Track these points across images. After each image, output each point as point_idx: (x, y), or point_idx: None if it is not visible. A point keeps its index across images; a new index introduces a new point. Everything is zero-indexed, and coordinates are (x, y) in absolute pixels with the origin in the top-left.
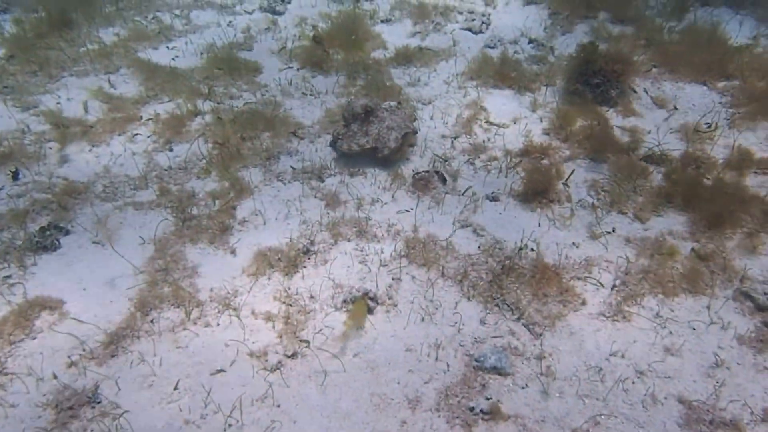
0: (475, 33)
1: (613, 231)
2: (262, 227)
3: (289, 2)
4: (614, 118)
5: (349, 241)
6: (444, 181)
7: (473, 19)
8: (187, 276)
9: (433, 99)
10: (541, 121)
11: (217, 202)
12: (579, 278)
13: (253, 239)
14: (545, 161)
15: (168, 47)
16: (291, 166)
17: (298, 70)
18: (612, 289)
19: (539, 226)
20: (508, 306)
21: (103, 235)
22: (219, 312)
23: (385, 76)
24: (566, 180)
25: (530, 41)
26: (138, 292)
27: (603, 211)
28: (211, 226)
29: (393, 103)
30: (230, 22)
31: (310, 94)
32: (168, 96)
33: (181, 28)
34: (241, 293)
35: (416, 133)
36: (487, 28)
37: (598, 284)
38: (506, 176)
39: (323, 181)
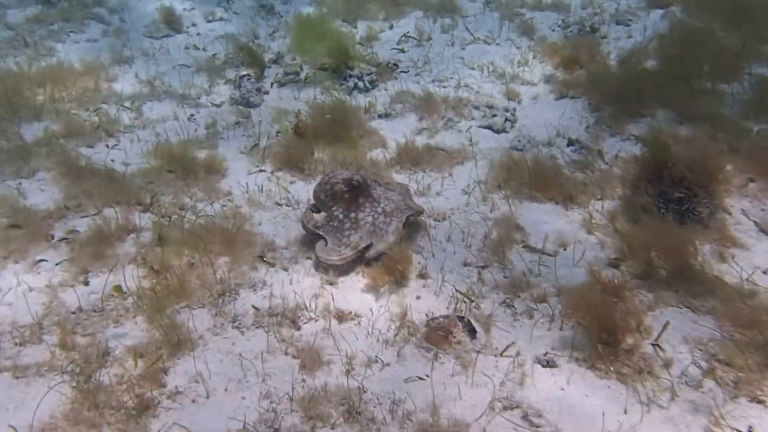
0: (497, 132)
1: None
2: (203, 402)
3: (267, 93)
4: (707, 247)
5: (333, 428)
6: (472, 332)
7: (494, 115)
8: None
9: (450, 213)
10: (602, 247)
11: (140, 362)
12: None
13: (186, 420)
14: (619, 306)
15: (108, 145)
16: (253, 306)
17: (272, 173)
18: None
19: (625, 412)
20: None
21: None
22: None
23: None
24: (657, 339)
25: (570, 143)
26: None
27: (724, 394)
28: (125, 403)
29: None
30: (192, 116)
31: (287, 205)
32: (95, 207)
33: (128, 122)
34: None
35: (421, 213)
36: (511, 126)
37: None
38: (562, 327)
39: (299, 329)
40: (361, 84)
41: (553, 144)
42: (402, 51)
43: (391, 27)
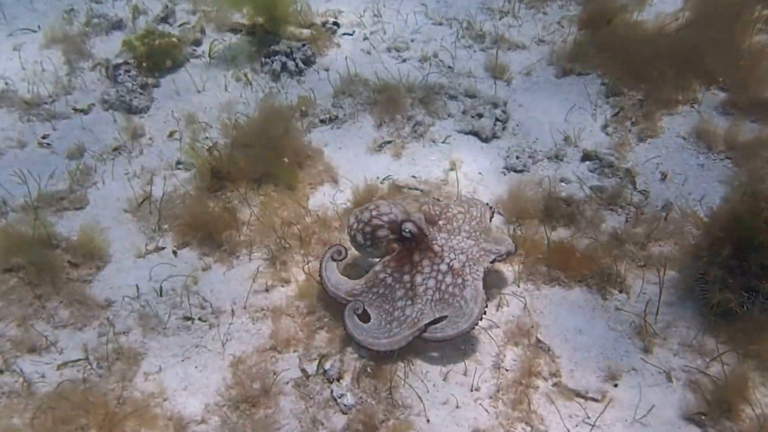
0: (485, 140)
1: None
2: None
3: (157, 85)
4: None
5: None
6: None
7: (479, 114)
8: None
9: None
10: (669, 379)
11: None
12: None
13: None
14: None
15: None
16: None
17: (175, 252)
18: None
19: None
20: None
21: None
22: None
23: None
24: None
25: (586, 157)
26: None
27: None
28: None
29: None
30: (45, 137)
31: (200, 319)
32: None
33: None
34: None
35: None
36: (503, 129)
37: None
38: None
39: None
40: (291, 64)
41: (562, 157)
42: None
43: None
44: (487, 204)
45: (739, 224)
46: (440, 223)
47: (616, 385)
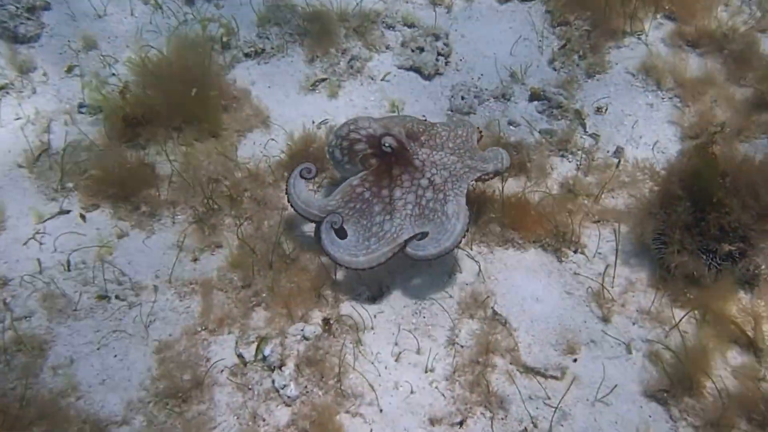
0: (428, 77)
1: None
2: None
3: (47, 7)
4: None
5: None
6: None
7: (419, 48)
8: None
9: (388, 282)
10: (628, 351)
11: None
12: None
13: None
14: None
15: None
16: None
17: (83, 216)
18: None
19: None
20: None
21: None
22: None
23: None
24: None
25: (534, 96)
26: None
27: None
28: None
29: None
30: None
31: (117, 297)
32: None
33: None
34: None
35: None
36: (446, 64)
37: None
38: None
39: None
40: None
41: (509, 97)
42: None
43: None
44: (478, 128)
45: (697, 179)
46: (422, 138)
47: (575, 360)
